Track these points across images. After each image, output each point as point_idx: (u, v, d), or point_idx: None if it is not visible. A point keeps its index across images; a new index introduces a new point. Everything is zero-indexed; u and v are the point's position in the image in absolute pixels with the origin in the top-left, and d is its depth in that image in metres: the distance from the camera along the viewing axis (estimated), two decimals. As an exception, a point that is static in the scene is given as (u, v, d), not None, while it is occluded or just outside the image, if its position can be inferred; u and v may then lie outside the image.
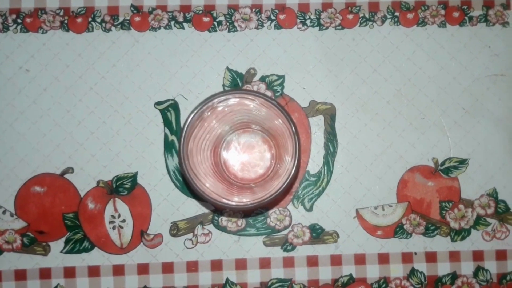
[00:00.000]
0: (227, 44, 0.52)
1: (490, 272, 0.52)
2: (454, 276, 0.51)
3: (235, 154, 0.50)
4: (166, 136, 0.51)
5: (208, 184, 0.42)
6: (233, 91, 0.38)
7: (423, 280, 0.51)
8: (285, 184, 0.38)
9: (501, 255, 0.52)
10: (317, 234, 0.51)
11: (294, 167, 0.39)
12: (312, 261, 0.51)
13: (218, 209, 0.51)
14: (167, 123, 0.51)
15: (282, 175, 0.43)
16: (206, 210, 0.51)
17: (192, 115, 0.38)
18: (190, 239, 0.51)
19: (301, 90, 0.52)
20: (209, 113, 0.40)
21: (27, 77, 0.51)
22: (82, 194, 0.51)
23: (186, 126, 0.38)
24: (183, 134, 0.38)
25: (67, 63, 0.51)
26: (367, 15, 0.53)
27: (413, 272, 0.51)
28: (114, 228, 0.51)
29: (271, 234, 0.51)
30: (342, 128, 0.52)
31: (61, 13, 0.51)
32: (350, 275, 0.51)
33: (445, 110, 0.52)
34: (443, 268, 0.51)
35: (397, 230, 0.51)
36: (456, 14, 0.53)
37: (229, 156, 0.50)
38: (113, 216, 0.51)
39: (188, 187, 0.51)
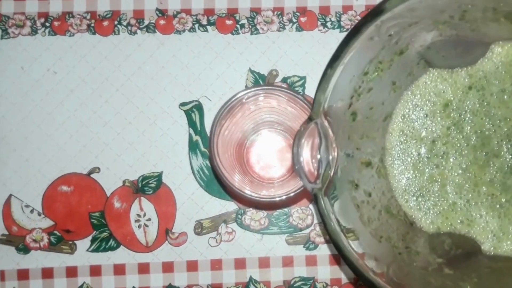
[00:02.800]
0: (250, 46, 0.53)
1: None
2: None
3: (258, 153, 0.51)
4: (190, 136, 0.52)
5: (236, 178, 0.43)
6: (263, 86, 0.39)
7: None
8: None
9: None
10: (339, 233, 0.52)
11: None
12: (335, 260, 0.52)
13: (242, 207, 0.52)
14: (191, 123, 0.52)
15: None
16: (229, 209, 0.52)
17: (223, 109, 0.39)
18: (214, 238, 0.51)
19: (322, 91, 0.53)
20: (237, 109, 0.41)
21: (54, 79, 0.52)
22: (108, 194, 0.52)
23: (217, 118, 0.39)
24: (214, 127, 0.39)
25: (93, 65, 0.52)
26: (386, 18, 0.54)
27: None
28: (139, 226, 0.51)
29: (293, 232, 0.52)
30: (363, 128, 0.53)
31: (88, 17, 0.53)
32: (372, 273, 0.51)
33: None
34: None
35: (419, 228, 0.52)
36: None
37: (252, 154, 0.51)
38: (138, 215, 0.51)
39: (217, 178, 0.51)
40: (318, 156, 0.37)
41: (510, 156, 0.43)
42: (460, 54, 0.43)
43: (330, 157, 0.37)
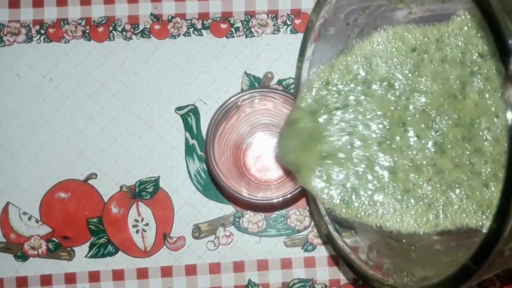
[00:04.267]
0: (245, 50, 0.53)
1: (510, 268, 0.52)
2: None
3: (255, 156, 0.51)
4: (187, 140, 0.52)
5: (233, 181, 0.43)
6: (258, 89, 0.39)
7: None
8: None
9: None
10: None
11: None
12: (333, 261, 0.52)
13: (239, 210, 0.52)
14: (187, 127, 0.52)
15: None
16: (227, 212, 0.52)
17: (219, 112, 0.39)
18: (212, 241, 0.52)
19: (317, 93, 0.53)
20: (233, 112, 0.41)
21: (50, 86, 0.52)
22: (105, 199, 0.52)
23: (212, 122, 0.39)
24: (209, 131, 0.39)
25: (89, 71, 0.53)
26: (380, 19, 0.54)
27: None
28: (137, 231, 0.51)
29: (291, 234, 0.52)
30: (359, 129, 0.53)
31: (83, 23, 0.53)
32: (371, 274, 0.52)
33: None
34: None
35: (416, 228, 0.52)
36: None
37: (248, 157, 0.51)
38: (136, 220, 0.51)
39: (214, 182, 0.51)
40: None
41: (435, 134, 0.38)
42: None
43: None
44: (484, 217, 0.38)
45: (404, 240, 0.39)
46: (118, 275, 0.51)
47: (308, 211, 0.52)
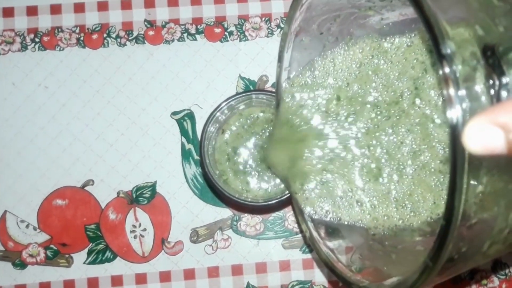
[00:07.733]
0: (239, 53, 0.53)
1: (508, 265, 0.52)
2: (472, 271, 0.52)
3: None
4: (183, 145, 0.52)
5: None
6: (252, 91, 0.39)
7: (442, 276, 0.52)
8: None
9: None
10: (335, 235, 0.52)
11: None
12: (332, 262, 0.52)
13: (237, 213, 0.52)
14: (183, 132, 0.52)
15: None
16: (224, 216, 0.52)
17: (212, 117, 0.39)
18: (210, 245, 0.52)
19: (312, 95, 0.53)
20: (227, 115, 0.42)
21: (46, 93, 0.53)
22: (103, 205, 0.52)
23: (206, 126, 0.39)
24: (203, 135, 0.39)
25: (84, 78, 0.53)
26: (373, 20, 0.54)
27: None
28: (135, 237, 0.51)
29: (289, 236, 0.52)
30: (354, 130, 0.53)
31: (77, 31, 0.53)
32: (370, 274, 0.52)
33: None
34: (461, 264, 0.52)
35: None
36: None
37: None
38: (134, 226, 0.52)
39: (212, 188, 0.51)
40: None
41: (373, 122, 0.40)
42: None
43: None
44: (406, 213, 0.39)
45: (386, 242, 0.39)
46: (116, 281, 0.51)
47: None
